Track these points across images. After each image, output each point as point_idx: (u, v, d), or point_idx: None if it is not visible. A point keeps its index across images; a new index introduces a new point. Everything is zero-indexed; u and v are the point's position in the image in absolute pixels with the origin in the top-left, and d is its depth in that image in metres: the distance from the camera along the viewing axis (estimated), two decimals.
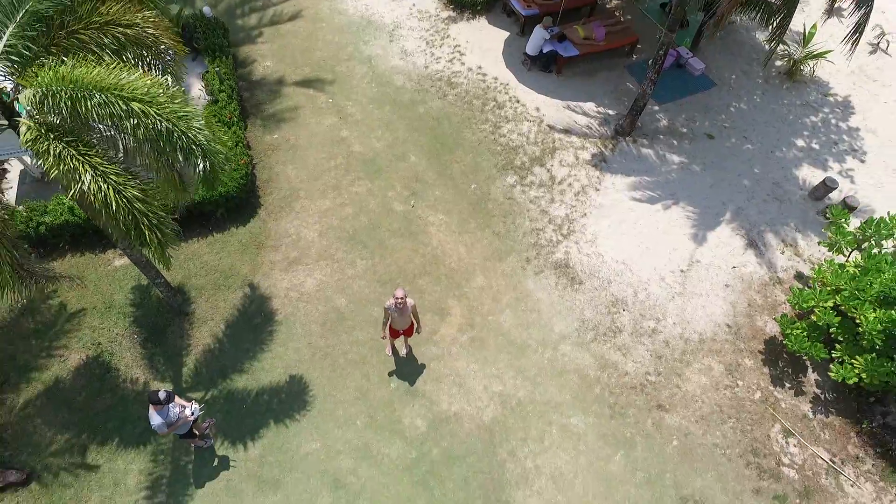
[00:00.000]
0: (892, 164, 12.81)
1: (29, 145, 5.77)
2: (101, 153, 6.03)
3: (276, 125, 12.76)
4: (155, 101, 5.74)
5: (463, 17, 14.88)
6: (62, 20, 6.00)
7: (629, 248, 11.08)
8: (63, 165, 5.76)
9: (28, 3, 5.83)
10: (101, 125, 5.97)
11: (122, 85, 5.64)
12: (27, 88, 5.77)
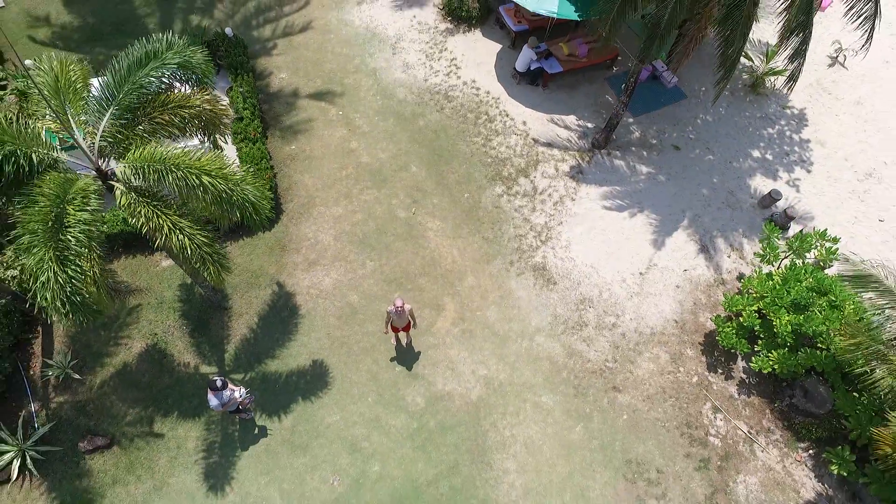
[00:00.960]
0: (835, 174, 14.57)
1: (124, 208, 7.62)
2: (176, 210, 7.89)
3: (293, 136, 14.44)
4: (218, 173, 7.57)
5: (459, 29, 16.25)
6: (143, 108, 7.73)
7: (597, 252, 13.02)
8: (150, 223, 7.63)
9: (119, 98, 7.56)
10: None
11: (196, 164, 7.45)
12: (122, 163, 7.59)
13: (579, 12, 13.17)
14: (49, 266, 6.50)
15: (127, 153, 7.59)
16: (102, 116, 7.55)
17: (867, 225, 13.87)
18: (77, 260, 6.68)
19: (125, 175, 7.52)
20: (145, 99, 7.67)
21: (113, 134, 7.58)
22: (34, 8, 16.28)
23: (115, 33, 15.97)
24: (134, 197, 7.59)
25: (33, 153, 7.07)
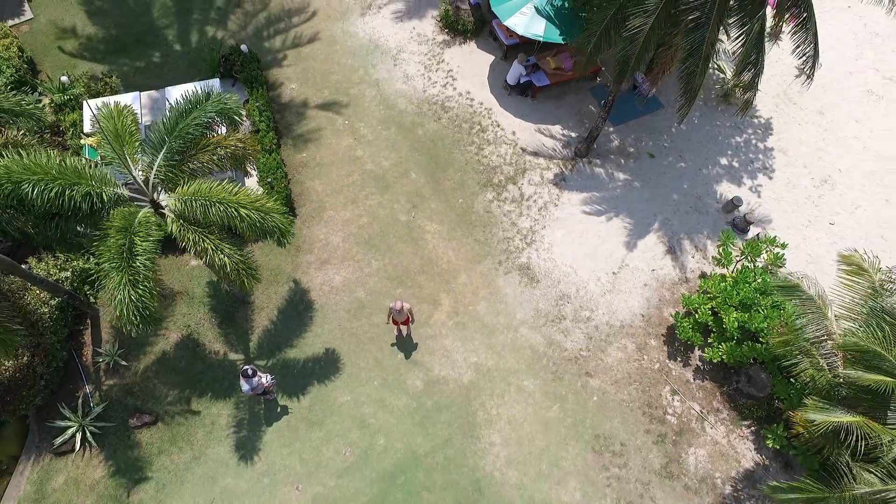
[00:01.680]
0: (793, 180, 16.11)
1: (174, 233, 9.24)
2: (217, 234, 9.51)
3: (303, 145, 15.92)
4: (252, 206, 9.17)
5: (456, 41, 17.54)
6: (188, 150, 9.27)
7: (576, 254, 14.68)
8: (197, 246, 9.26)
9: (168, 143, 9.09)
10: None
11: (234, 197, 9.05)
12: (172, 196, 9.18)
13: (563, 36, 14.51)
14: (125, 288, 8.16)
15: (176, 188, 9.18)
16: (156, 157, 9.10)
17: (819, 228, 15.50)
18: (145, 282, 8.33)
19: (175, 207, 9.12)
20: (190, 143, 9.20)
21: (164, 172, 9.15)
22: (61, 19, 17.51)
23: (137, 44, 17.25)
24: (182, 224, 9.19)
25: (104, 192, 8.65)
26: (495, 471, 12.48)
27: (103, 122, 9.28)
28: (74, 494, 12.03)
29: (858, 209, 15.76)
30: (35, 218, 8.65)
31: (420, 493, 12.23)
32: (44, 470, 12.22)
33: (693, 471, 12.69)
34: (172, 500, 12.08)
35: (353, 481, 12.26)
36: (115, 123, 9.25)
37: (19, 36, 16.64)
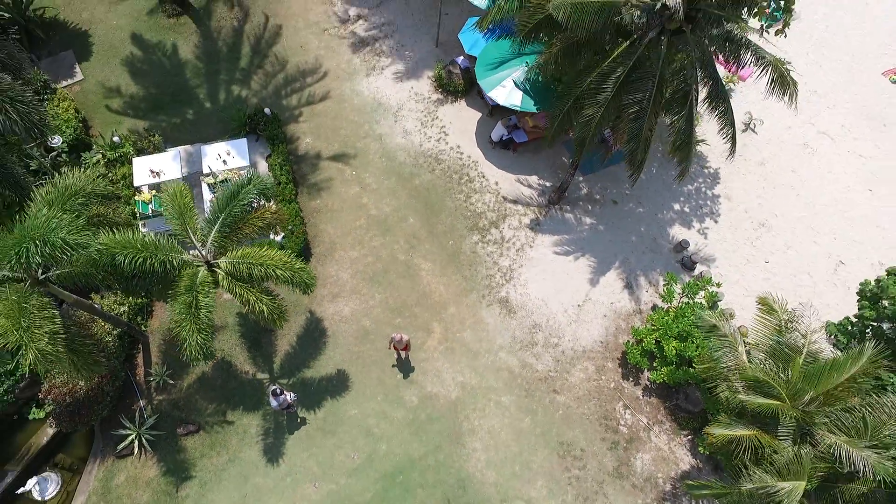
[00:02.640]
0: (735, 223, 18.82)
1: (223, 286, 11.95)
2: (257, 286, 12.24)
3: (317, 193, 18.64)
4: (286, 267, 11.90)
5: (448, 100, 20.24)
6: (235, 224, 12.01)
7: (547, 289, 17.39)
8: (241, 296, 11.98)
9: (221, 218, 11.82)
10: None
11: (271, 261, 11.77)
12: (224, 259, 11.90)
13: (537, 105, 17.22)
14: (193, 335, 10.87)
15: (226, 252, 11.91)
16: (211, 230, 11.83)
17: (756, 265, 18.23)
18: (206, 329, 11.05)
19: (226, 267, 11.84)
20: (237, 219, 11.92)
21: (217, 241, 11.88)
22: (107, 80, 20.22)
23: (173, 102, 19.95)
24: (231, 280, 11.92)
25: (174, 259, 11.37)
26: (477, 472, 15.21)
27: (166, 203, 12.03)
28: (133, 490, 14.77)
29: (790, 249, 18.49)
30: (122, 278, 11.37)
31: (415, 490, 14.96)
32: (108, 470, 14.96)
33: (639, 472, 15.42)
34: (212, 495, 14.82)
35: (360, 480, 15.00)
36: (178, 202, 11.99)
37: (73, 97, 19.33)
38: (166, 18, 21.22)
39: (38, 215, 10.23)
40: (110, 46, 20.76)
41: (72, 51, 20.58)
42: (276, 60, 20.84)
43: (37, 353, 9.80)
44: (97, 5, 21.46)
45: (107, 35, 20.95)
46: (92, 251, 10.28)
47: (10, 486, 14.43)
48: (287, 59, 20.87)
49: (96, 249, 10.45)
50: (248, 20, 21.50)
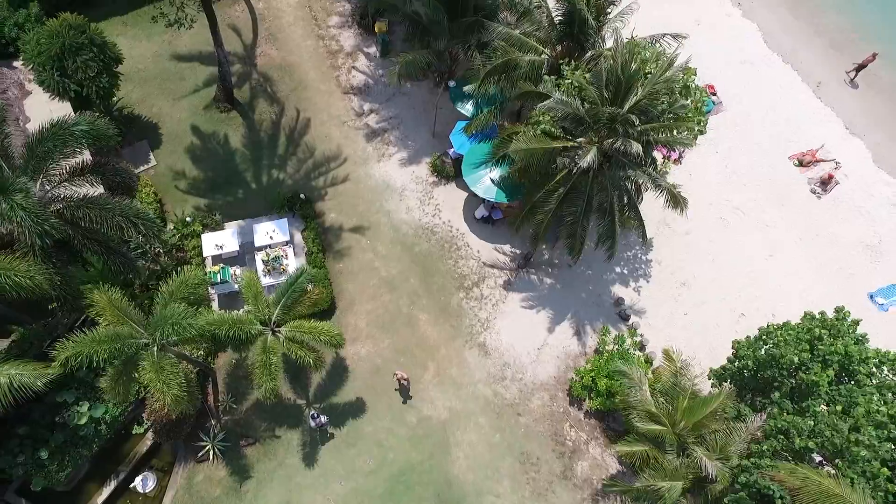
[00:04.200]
0: (663, 283, 24.29)
1: (284, 347, 17.46)
2: (305, 345, 17.76)
3: (339, 258, 24.15)
4: (328, 333, 17.42)
5: (441, 182, 25.75)
6: (292, 305, 17.52)
7: (516, 336, 22.89)
8: (295, 352, 17.49)
9: (282, 301, 17.32)
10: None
11: (316, 330, 17.29)
12: (284, 328, 17.44)
13: (509, 197, 22.72)
14: (267, 383, 16.37)
15: (286, 322, 17.43)
16: (275, 309, 17.33)
17: (677, 317, 23.72)
18: (275, 378, 16.55)
19: (286, 334, 17.36)
20: (292, 301, 17.43)
21: (280, 316, 17.39)
22: (174, 165, 25.71)
23: (226, 184, 25.44)
24: (289, 342, 17.43)
25: (252, 329, 16.87)
26: (460, 473, 20.73)
27: (245, 287, 17.55)
28: (209, 487, 20.29)
29: (704, 304, 23.99)
30: (216, 341, 16.89)
31: (414, 487, 20.49)
32: (190, 471, 20.48)
33: (580, 475, 20.94)
34: (266, 490, 20.34)
35: (374, 479, 20.52)
36: (253, 288, 17.50)
37: (150, 180, 24.79)
38: (219, 113, 26.74)
39: (169, 306, 15.78)
40: (176, 136, 26.28)
41: (146, 140, 26.09)
42: (307, 148, 26.38)
43: (173, 396, 15.31)
44: (164, 101, 26.98)
45: (172, 126, 26.47)
46: (202, 327, 15.82)
47: (121, 481, 19.98)
48: (315, 146, 26.41)
49: (204, 325, 15.98)
50: (283, 114, 27.03)
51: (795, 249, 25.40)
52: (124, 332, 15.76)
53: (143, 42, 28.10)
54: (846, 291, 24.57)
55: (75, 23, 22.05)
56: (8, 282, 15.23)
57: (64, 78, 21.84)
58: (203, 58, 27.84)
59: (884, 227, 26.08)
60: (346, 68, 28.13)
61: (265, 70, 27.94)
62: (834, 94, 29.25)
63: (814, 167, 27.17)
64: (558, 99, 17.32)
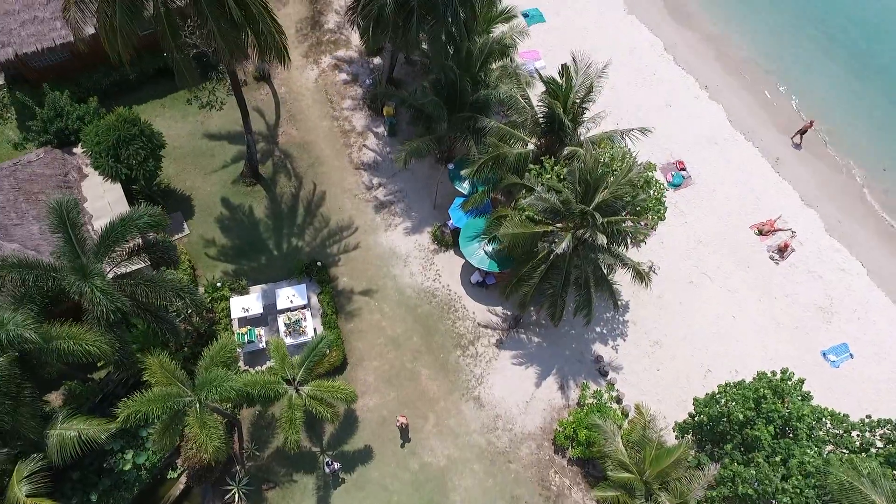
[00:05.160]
0: (638, 342, 27.30)
1: (306, 403, 20.38)
2: (324, 402, 20.71)
3: (350, 318, 27.24)
4: (342, 393, 20.40)
5: (441, 250, 29.06)
6: (312, 369, 20.53)
7: (507, 390, 25.79)
8: (315, 407, 20.40)
9: (305, 364, 20.35)
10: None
11: (334, 388, 20.28)
12: (307, 387, 20.43)
13: (500, 267, 25.96)
14: (292, 435, 19.23)
15: (307, 381, 20.41)
16: (299, 371, 20.32)
17: (650, 372, 26.65)
18: (298, 431, 19.41)
19: (308, 392, 20.30)
20: (314, 364, 20.44)
21: (302, 377, 20.37)
22: (205, 233, 29.05)
23: (251, 251, 28.73)
24: (310, 399, 20.36)
25: (278, 388, 19.84)
26: None
27: (273, 352, 20.59)
28: None
29: (674, 360, 26.97)
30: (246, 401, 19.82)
31: None
32: None
33: None
34: None
35: None
36: (279, 352, 20.54)
37: (184, 248, 28.06)
38: (245, 187, 30.25)
39: (210, 369, 18.81)
40: (207, 207, 29.71)
41: (180, 212, 29.52)
42: (322, 218, 29.79)
43: (214, 448, 18.16)
44: (196, 176, 30.52)
45: (204, 199, 29.93)
46: (240, 389, 18.79)
47: None
48: (329, 217, 29.81)
49: (240, 387, 18.97)
50: (302, 187, 30.56)
51: (756, 310, 28.53)
52: (173, 391, 18.74)
53: (178, 122, 31.83)
54: (802, 349, 27.67)
55: (128, 117, 25.77)
56: (79, 349, 18.28)
57: (117, 163, 25.39)
58: (231, 136, 31.54)
59: (835, 291, 29.29)
60: (358, 146, 31.81)
61: (286, 148, 31.62)
62: (790, 169, 32.91)
63: (772, 236, 30.56)
64: (538, 196, 20.76)
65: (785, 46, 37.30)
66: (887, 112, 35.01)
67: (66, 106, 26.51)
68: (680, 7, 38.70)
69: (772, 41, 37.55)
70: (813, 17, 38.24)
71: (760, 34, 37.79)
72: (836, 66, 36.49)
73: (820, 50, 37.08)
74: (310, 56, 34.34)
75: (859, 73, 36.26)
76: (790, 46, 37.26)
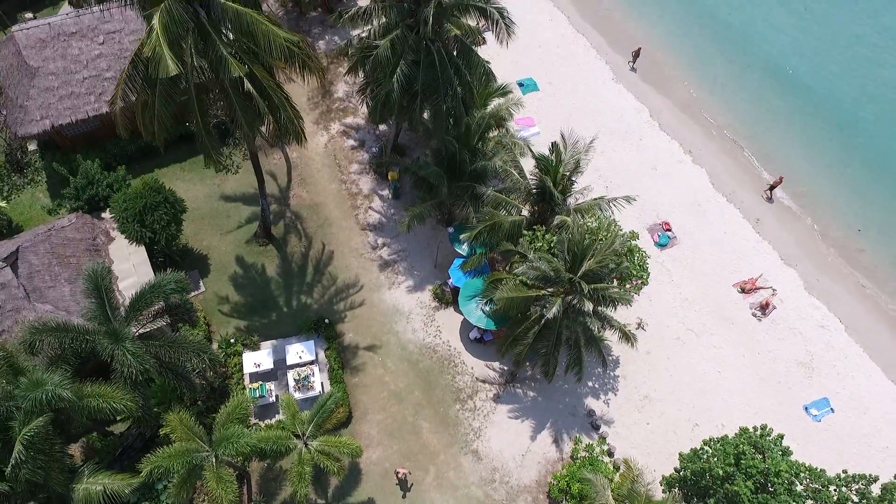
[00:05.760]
0: (629, 396, 28.71)
1: (314, 458, 21.76)
2: (332, 456, 22.08)
3: (355, 373, 28.77)
4: (349, 449, 21.81)
5: (441, 307, 30.81)
6: (322, 424, 22.03)
7: (504, 443, 27.08)
8: (322, 461, 21.76)
9: (315, 420, 21.85)
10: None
11: (341, 444, 21.69)
12: (316, 441, 21.85)
13: (497, 325, 27.66)
14: (302, 488, 20.54)
15: (316, 437, 21.83)
16: (310, 426, 21.79)
17: (640, 426, 27.97)
18: (307, 484, 20.73)
19: (316, 447, 21.71)
20: (322, 419, 21.94)
21: (313, 431, 21.82)
22: (220, 291, 30.89)
23: (262, 307, 30.50)
24: (319, 454, 21.73)
25: (289, 444, 21.25)
26: None
27: (284, 409, 22.09)
28: None
29: (663, 415, 28.32)
30: (259, 456, 21.21)
31: None
32: None
33: None
34: None
35: None
36: (291, 409, 22.05)
37: (200, 305, 29.84)
38: (258, 246, 32.26)
39: (227, 426, 20.30)
40: (221, 266, 31.65)
41: (197, 270, 31.44)
42: (330, 276, 31.69)
43: (229, 501, 19.48)
44: (212, 236, 32.59)
45: (219, 258, 31.91)
46: (255, 444, 20.24)
47: None
48: (337, 275, 31.71)
49: (255, 442, 20.42)
50: (311, 247, 32.57)
51: (740, 366, 30.05)
52: (192, 447, 20.20)
53: (197, 184, 34.14)
54: (785, 403, 29.06)
55: (153, 185, 28.03)
56: (107, 407, 19.84)
57: (142, 228, 27.47)
58: (246, 198, 33.78)
59: (815, 347, 30.87)
60: (364, 208, 34.01)
61: (297, 209, 33.82)
62: (770, 229, 34.98)
63: (754, 293, 32.35)
64: (530, 265, 22.71)
65: (761, 112, 40.02)
66: (861, 175, 37.38)
67: (97, 174, 28.82)
68: (662, 76, 41.65)
69: (748, 107, 40.31)
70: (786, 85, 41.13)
71: (737, 101, 40.62)
72: (811, 132, 39.08)
73: (796, 115, 39.76)
74: (320, 123, 37.00)
75: (834, 137, 38.82)
76: (766, 112, 39.97)
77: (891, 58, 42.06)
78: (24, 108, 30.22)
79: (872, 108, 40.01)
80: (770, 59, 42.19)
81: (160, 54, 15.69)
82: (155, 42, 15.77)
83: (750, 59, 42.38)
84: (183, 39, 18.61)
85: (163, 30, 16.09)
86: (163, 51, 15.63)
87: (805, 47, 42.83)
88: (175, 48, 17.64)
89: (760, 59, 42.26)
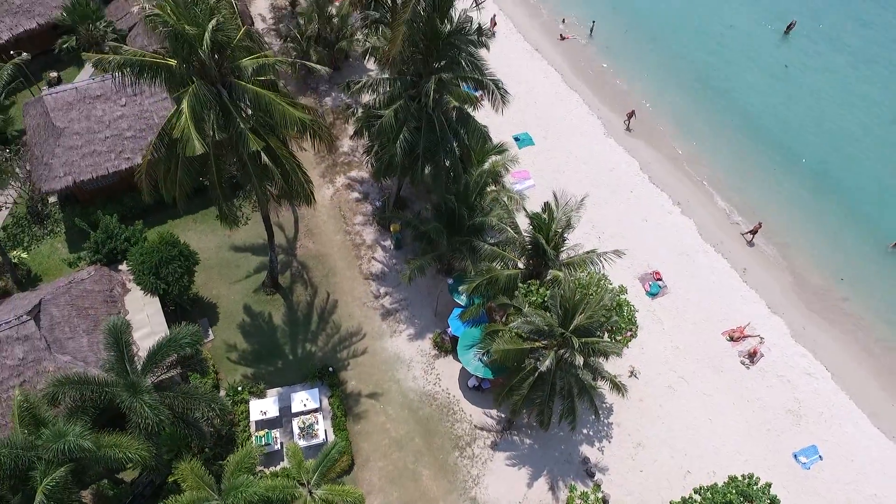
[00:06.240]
0: (622, 443, 29.61)
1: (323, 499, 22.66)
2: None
3: (358, 420, 29.74)
4: (353, 496, 22.73)
5: (441, 355, 32.01)
6: (327, 471, 23.01)
7: (501, 490, 27.86)
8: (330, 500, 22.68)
9: (319, 469, 22.84)
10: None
11: (345, 493, 22.63)
12: (320, 489, 22.78)
13: (494, 374, 28.82)
14: None
15: (320, 485, 22.78)
16: (314, 475, 22.76)
17: (634, 473, 28.79)
18: None
19: (321, 495, 22.62)
20: (326, 469, 22.91)
21: (317, 481, 22.77)
22: (228, 339, 32.14)
23: (269, 355, 31.69)
24: (322, 501, 22.63)
25: (295, 493, 22.19)
26: None
27: (290, 458, 23.09)
28: None
29: (655, 462, 29.17)
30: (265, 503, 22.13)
31: None
32: None
33: None
34: None
35: None
36: (297, 458, 23.05)
37: (209, 353, 31.00)
38: (265, 295, 33.66)
39: (235, 475, 21.29)
40: (230, 314, 32.97)
41: (206, 318, 32.75)
42: (334, 325, 32.98)
43: None
44: (221, 285, 34.04)
45: (227, 306, 33.27)
46: (262, 493, 21.20)
47: None
48: (340, 323, 33.01)
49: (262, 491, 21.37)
50: (316, 296, 33.98)
51: (730, 413, 31.02)
52: (202, 496, 21.15)
53: (208, 235, 35.80)
54: (774, 451, 29.94)
55: (169, 239, 29.65)
56: (123, 456, 20.89)
57: (157, 280, 28.94)
58: (255, 249, 35.39)
59: (802, 394, 31.90)
60: (367, 258, 35.57)
61: (303, 259, 35.38)
62: (757, 279, 36.45)
63: (742, 342, 33.56)
64: (524, 319, 24.10)
65: (745, 165, 42.10)
66: (839, 226, 39.11)
67: (115, 228, 30.48)
68: (651, 130, 43.90)
69: (732, 160, 42.50)
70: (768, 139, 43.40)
71: (721, 154, 42.80)
72: (792, 185, 41.05)
73: (778, 169, 41.81)
74: (326, 176, 38.97)
75: (814, 189, 40.77)
76: (750, 166, 42.05)
77: (856, 119, 44.67)
78: (48, 166, 32.16)
79: (839, 161, 42.37)
80: (751, 118, 44.67)
81: (188, 136, 17.46)
82: (184, 125, 17.55)
83: (734, 117, 44.83)
84: (206, 115, 20.49)
85: (191, 113, 17.91)
86: (191, 133, 17.40)
87: (786, 109, 45.44)
88: (198, 124, 19.49)
89: (742, 117, 44.76)
